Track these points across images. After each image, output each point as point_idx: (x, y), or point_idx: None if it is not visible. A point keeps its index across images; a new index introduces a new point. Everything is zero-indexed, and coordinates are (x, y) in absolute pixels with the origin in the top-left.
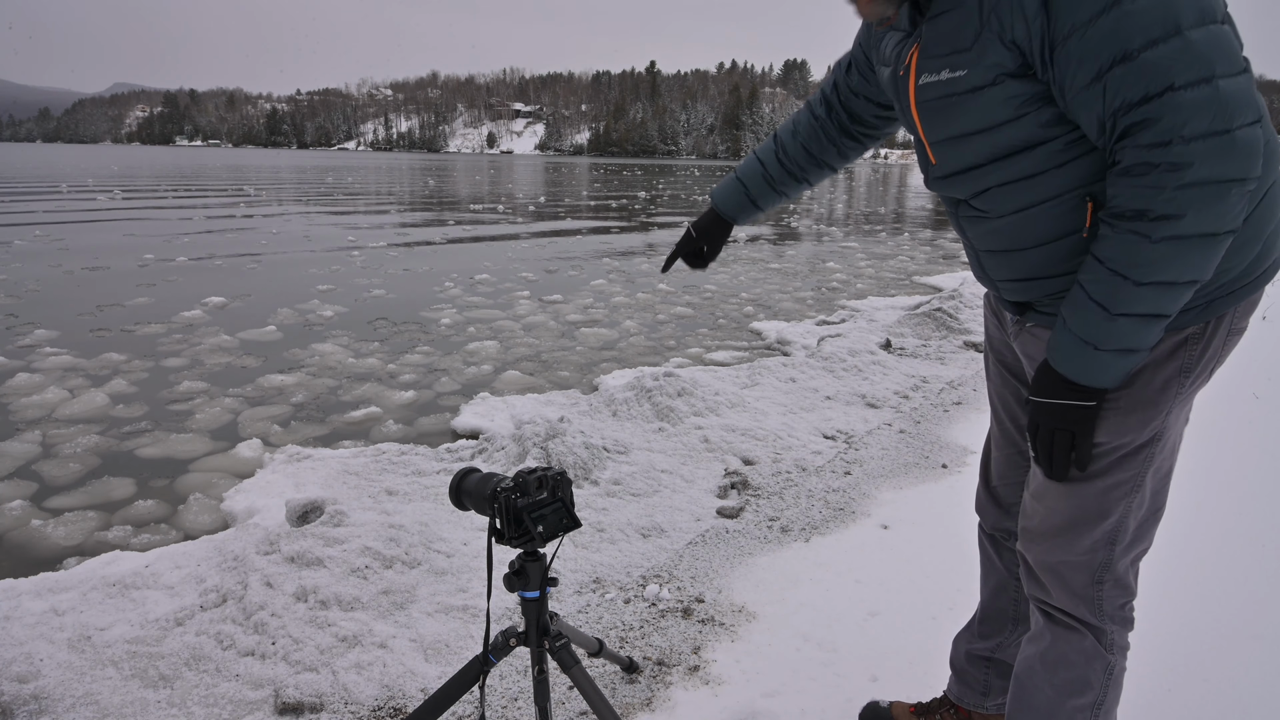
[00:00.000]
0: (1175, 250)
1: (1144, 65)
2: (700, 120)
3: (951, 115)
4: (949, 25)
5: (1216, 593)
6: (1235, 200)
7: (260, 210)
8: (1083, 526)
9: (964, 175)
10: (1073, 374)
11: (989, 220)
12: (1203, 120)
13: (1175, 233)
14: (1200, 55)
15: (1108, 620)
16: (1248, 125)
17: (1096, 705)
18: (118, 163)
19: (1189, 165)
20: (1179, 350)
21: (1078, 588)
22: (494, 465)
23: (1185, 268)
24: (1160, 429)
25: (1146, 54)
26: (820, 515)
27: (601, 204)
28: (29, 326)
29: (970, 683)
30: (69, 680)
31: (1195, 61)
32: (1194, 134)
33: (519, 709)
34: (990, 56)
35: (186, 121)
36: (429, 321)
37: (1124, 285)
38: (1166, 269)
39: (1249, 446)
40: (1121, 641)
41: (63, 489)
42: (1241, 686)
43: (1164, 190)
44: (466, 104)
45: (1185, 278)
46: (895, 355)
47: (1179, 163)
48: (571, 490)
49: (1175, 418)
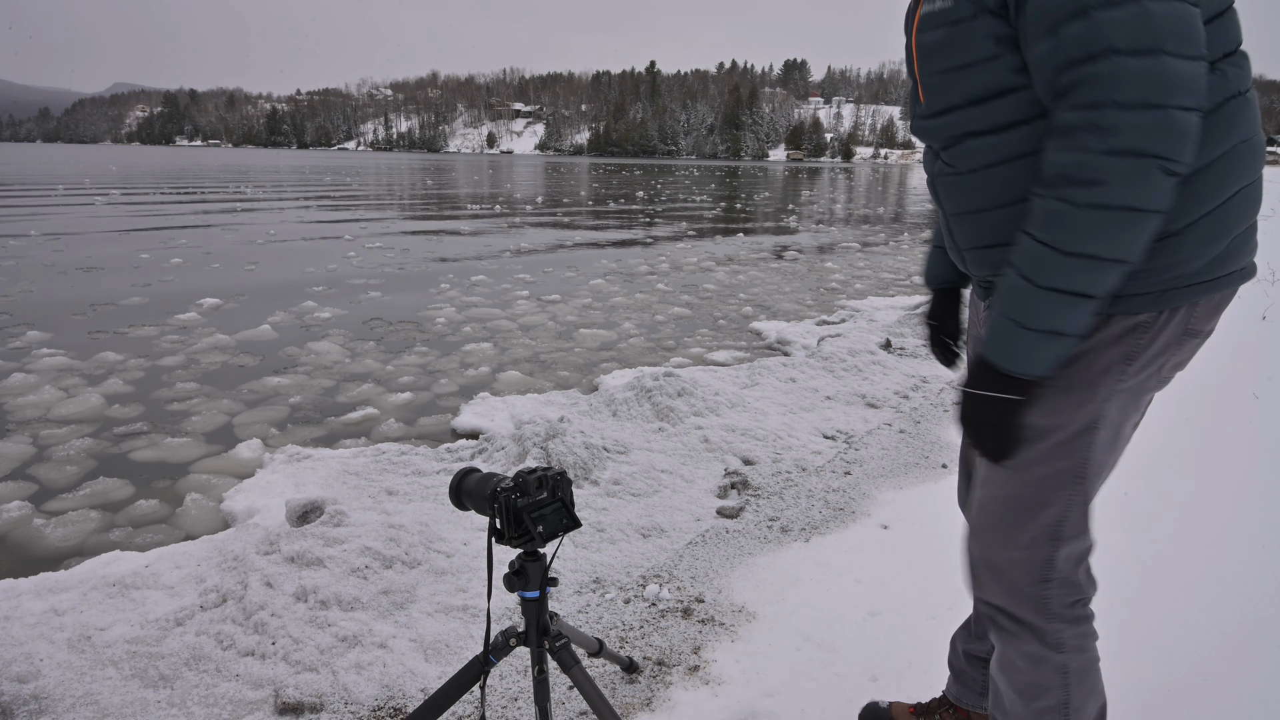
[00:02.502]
0: (1098, 220)
1: (1095, 24)
2: (700, 120)
3: (938, 47)
4: None
5: (1216, 593)
6: (1158, 179)
7: (257, 210)
8: (1022, 517)
9: (944, 117)
10: (1000, 358)
11: (960, 176)
12: (1138, 89)
13: (1097, 200)
14: (1152, 26)
15: (1054, 619)
16: (1185, 109)
17: (1062, 706)
18: (116, 163)
19: (1116, 131)
20: (1126, 336)
21: (1021, 585)
22: (494, 465)
23: (1109, 243)
24: (1096, 417)
25: (1100, 13)
26: (820, 515)
27: (601, 204)
28: (22, 327)
29: (968, 683)
30: (69, 680)
31: (1145, 31)
32: (1127, 101)
33: (519, 709)
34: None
35: (186, 121)
36: (426, 322)
37: (1049, 255)
38: (1090, 240)
39: (1249, 446)
40: (1074, 641)
41: (62, 489)
42: (1242, 687)
43: (1088, 153)
44: (466, 104)
45: (1110, 254)
46: (895, 355)
47: (1107, 127)
48: (571, 490)
49: (1115, 408)
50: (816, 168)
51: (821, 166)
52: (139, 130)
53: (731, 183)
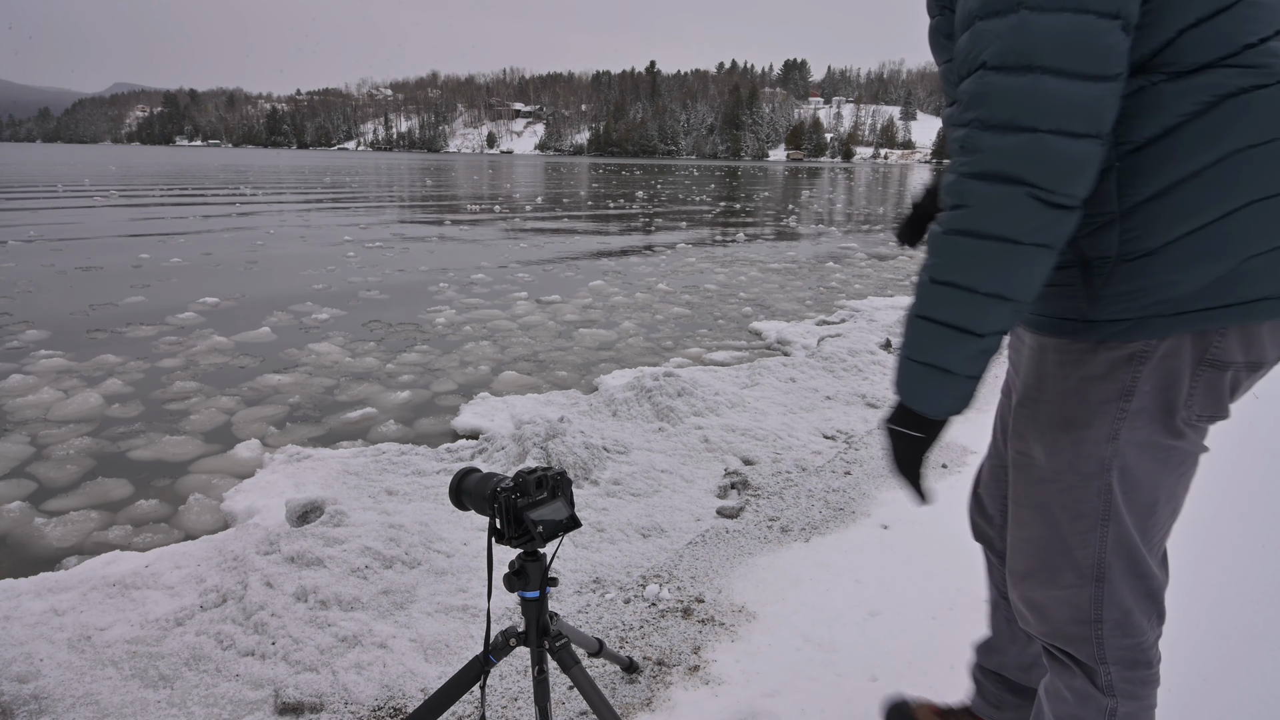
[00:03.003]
0: (968, 248)
1: (975, 36)
2: (700, 120)
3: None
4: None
5: (1217, 593)
6: (1029, 208)
7: (256, 210)
8: (1056, 559)
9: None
10: (895, 384)
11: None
12: (1005, 108)
13: (965, 226)
14: (1029, 40)
15: (1106, 662)
16: (1067, 135)
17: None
18: (116, 163)
19: (978, 152)
20: (1117, 370)
21: (1066, 624)
22: (494, 465)
23: (982, 274)
24: (1107, 458)
25: (981, 24)
26: (820, 515)
27: (600, 204)
28: (21, 326)
29: (986, 695)
30: (69, 680)
31: (1019, 44)
32: (992, 122)
33: (519, 709)
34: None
35: (186, 121)
36: (425, 322)
37: (924, 281)
38: (960, 269)
39: (1249, 446)
40: (1126, 687)
41: (61, 490)
42: (1242, 686)
43: (957, 175)
44: (466, 104)
45: (985, 287)
46: (895, 355)
47: (971, 147)
48: (571, 490)
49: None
50: (816, 168)
51: (821, 166)
52: (139, 130)
53: (731, 183)
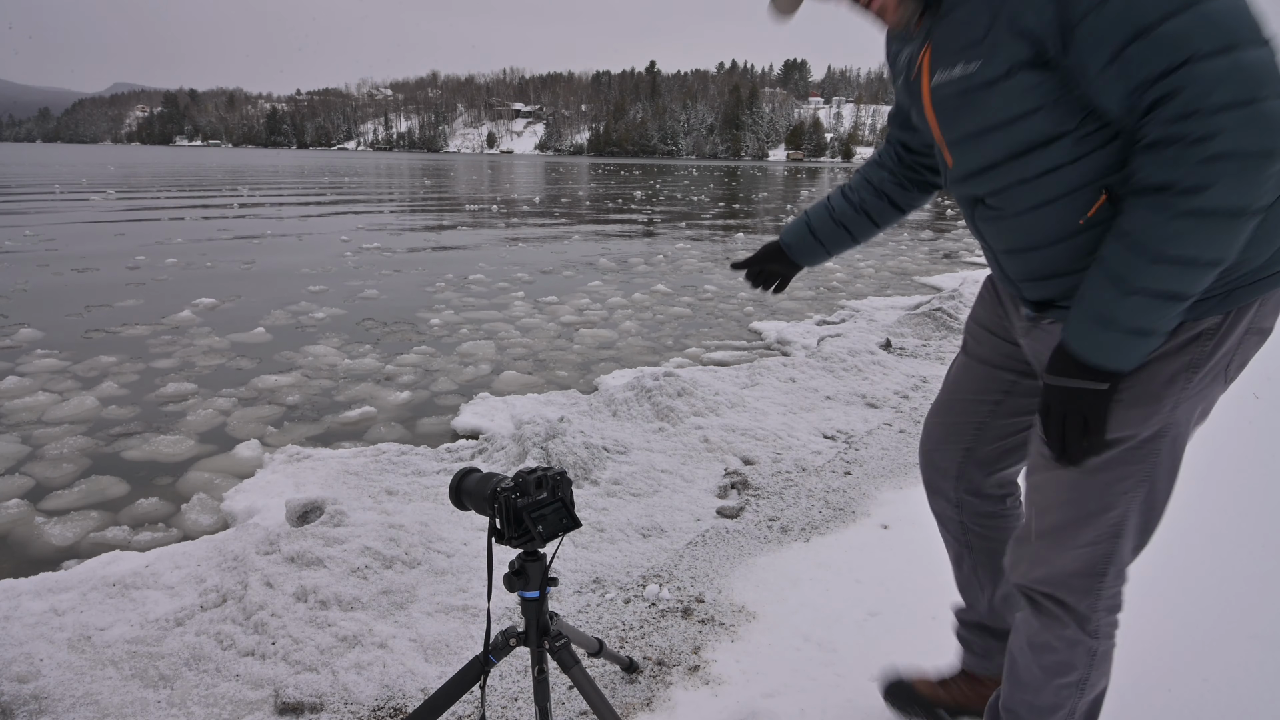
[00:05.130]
0: (1199, 225)
1: (1162, 38)
2: (700, 120)
3: (967, 111)
4: (961, 19)
5: (1216, 592)
6: (1266, 175)
7: (254, 210)
8: (1086, 520)
9: (981, 175)
10: (1085, 353)
11: (1005, 219)
12: (1227, 91)
13: (1200, 205)
14: (1220, 24)
15: (1100, 610)
16: (1276, 97)
17: (1080, 683)
18: (114, 163)
19: (1214, 136)
20: (1191, 345)
21: (1076, 578)
22: (494, 465)
23: (1208, 245)
24: (1165, 424)
25: (1163, 26)
26: (820, 515)
27: (600, 204)
28: (15, 326)
29: (973, 649)
30: (69, 680)
31: (1215, 31)
32: (1219, 105)
33: (519, 709)
34: (1004, 48)
35: (186, 121)
36: (423, 322)
37: (1142, 259)
38: (1189, 244)
39: (1249, 446)
40: (1108, 629)
41: (61, 491)
42: (1241, 686)
43: (1189, 163)
44: (466, 104)
45: (1207, 256)
46: (895, 355)
47: (1204, 134)
48: (571, 490)
49: (1182, 415)
50: (816, 168)
51: (821, 166)
52: (139, 130)
53: (731, 183)
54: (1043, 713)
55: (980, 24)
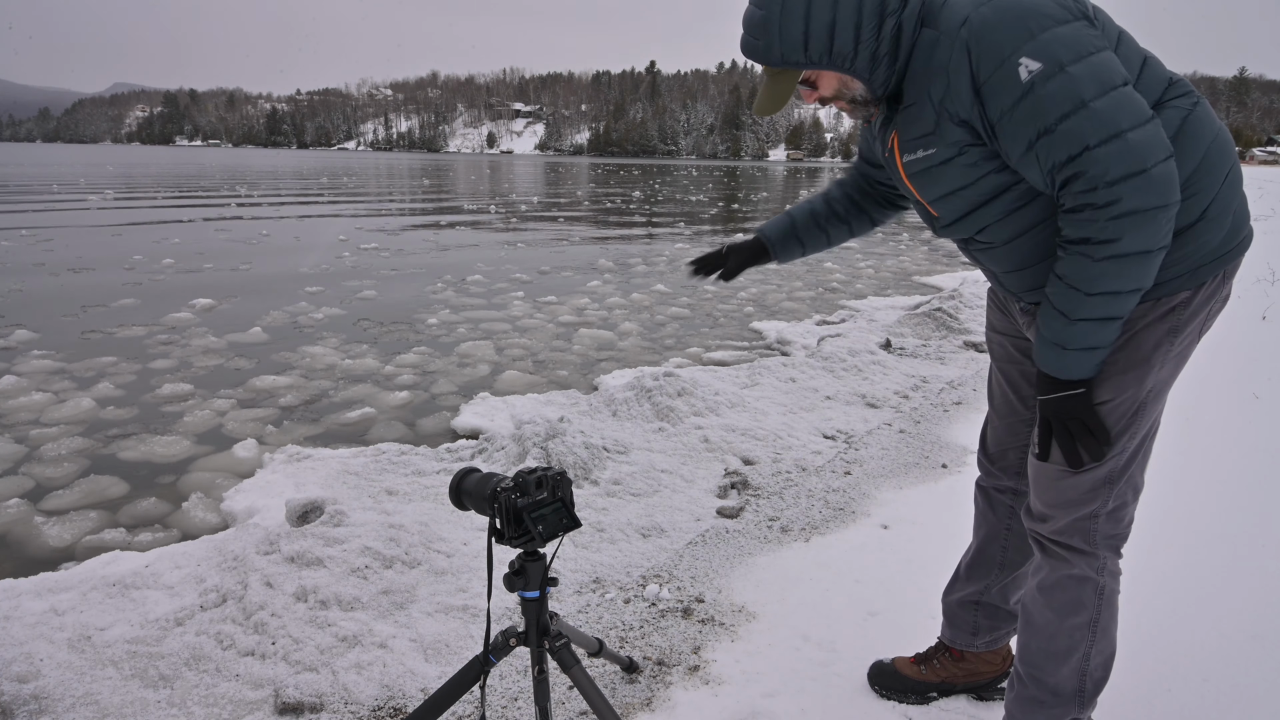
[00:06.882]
0: (1118, 265)
1: (1061, 135)
2: (700, 120)
3: (935, 181)
4: (914, 115)
5: (1216, 592)
6: (1163, 222)
7: (252, 210)
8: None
9: (963, 221)
10: (1054, 372)
11: (995, 249)
12: (1121, 166)
13: (1115, 252)
14: (1106, 118)
15: (1099, 546)
16: (1161, 162)
17: (1092, 623)
18: (113, 162)
19: (1117, 201)
20: (1170, 314)
21: (1075, 519)
22: (494, 465)
23: (1128, 279)
24: (1155, 383)
25: (1061, 125)
26: (820, 515)
27: (599, 204)
28: (11, 327)
29: (960, 625)
30: (69, 680)
31: (1102, 124)
32: (1116, 177)
33: (519, 709)
34: (950, 135)
35: (186, 121)
36: (421, 322)
37: (1078, 295)
38: (1112, 281)
39: (1249, 446)
40: (1112, 566)
41: (60, 491)
42: (1241, 686)
43: (1101, 221)
44: (466, 104)
45: (1129, 287)
46: (895, 355)
47: (1109, 201)
48: (571, 490)
49: (1167, 373)
50: (816, 168)
51: (821, 166)
52: (139, 130)
53: (731, 183)
54: (1058, 657)
55: (929, 120)
